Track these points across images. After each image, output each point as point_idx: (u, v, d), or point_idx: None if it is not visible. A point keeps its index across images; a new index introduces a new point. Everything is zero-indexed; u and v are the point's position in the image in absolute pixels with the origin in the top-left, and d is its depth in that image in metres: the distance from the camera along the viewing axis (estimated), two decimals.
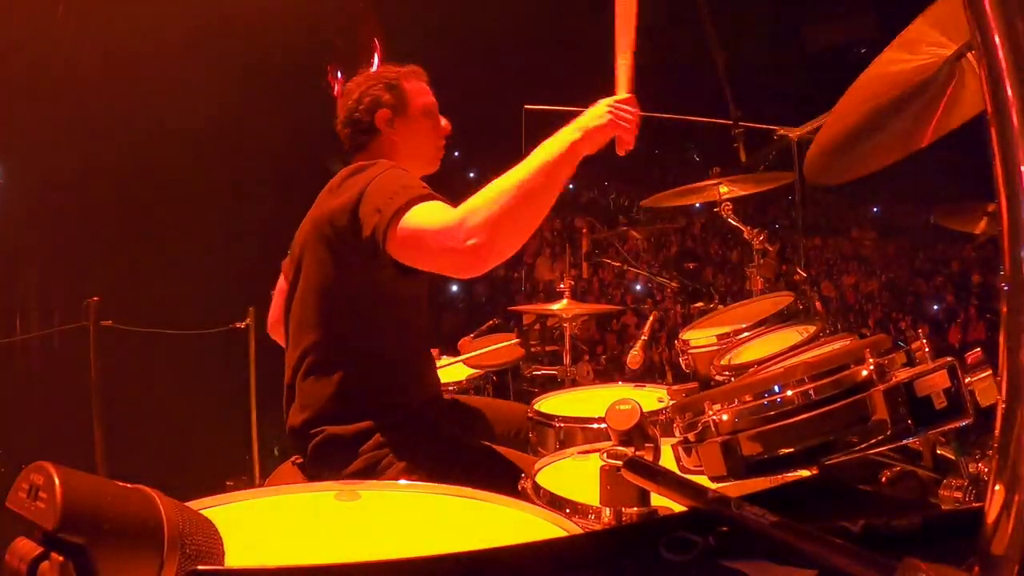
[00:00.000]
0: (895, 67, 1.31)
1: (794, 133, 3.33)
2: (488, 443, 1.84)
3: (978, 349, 0.98)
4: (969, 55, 1.25)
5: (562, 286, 3.32)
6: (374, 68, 1.96)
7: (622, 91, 1.70)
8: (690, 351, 2.11)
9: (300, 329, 1.77)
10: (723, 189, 2.82)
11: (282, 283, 2.08)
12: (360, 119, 1.90)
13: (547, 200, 1.54)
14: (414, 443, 1.70)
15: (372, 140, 1.91)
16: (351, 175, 1.73)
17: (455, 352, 2.80)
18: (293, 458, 1.82)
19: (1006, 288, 0.58)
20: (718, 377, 1.80)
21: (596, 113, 1.63)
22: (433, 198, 1.60)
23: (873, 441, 0.96)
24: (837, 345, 1.43)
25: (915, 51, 1.27)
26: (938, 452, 1.18)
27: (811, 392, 0.99)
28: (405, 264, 1.60)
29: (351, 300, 1.72)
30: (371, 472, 1.64)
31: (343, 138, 1.96)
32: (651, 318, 3.10)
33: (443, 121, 1.99)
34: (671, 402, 1.74)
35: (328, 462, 1.69)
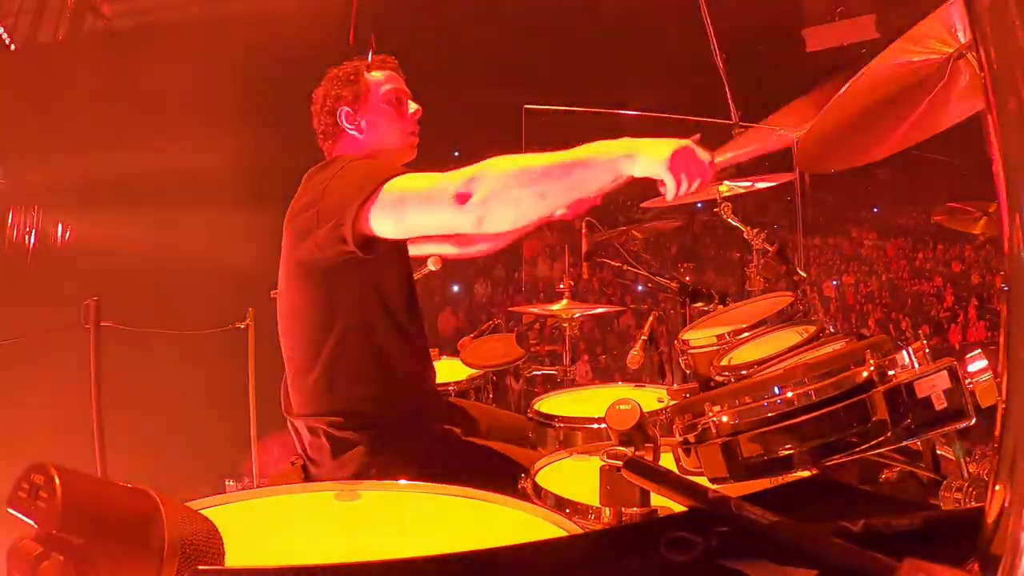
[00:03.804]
0: (898, 59, 1.31)
1: (794, 133, 3.32)
2: (487, 442, 1.84)
3: (978, 349, 0.98)
4: (969, 56, 1.25)
5: (562, 286, 3.31)
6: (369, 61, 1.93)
7: (709, 152, 1.53)
8: (690, 351, 2.10)
9: (283, 334, 1.78)
10: (723, 189, 2.81)
11: None
12: (323, 122, 1.87)
13: (559, 188, 1.46)
14: (409, 444, 1.70)
15: (338, 142, 1.87)
16: (313, 175, 1.72)
17: (455, 352, 2.80)
18: (292, 458, 1.82)
19: (1006, 288, 0.58)
20: (718, 377, 1.79)
21: (659, 145, 1.47)
22: (405, 172, 1.56)
23: (874, 442, 0.96)
24: (837, 346, 1.43)
25: (920, 44, 1.28)
26: (938, 452, 1.18)
27: (811, 393, 0.99)
28: (395, 238, 1.57)
29: (323, 301, 1.69)
30: (366, 473, 1.64)
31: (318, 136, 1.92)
32: (651, 318, 3.09)
33: (413, 106, 1.91)
34: (671, 402, 1.73)
35: (323, 464, 1.69)
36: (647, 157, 1.46)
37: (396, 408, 1.76)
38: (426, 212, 1.53)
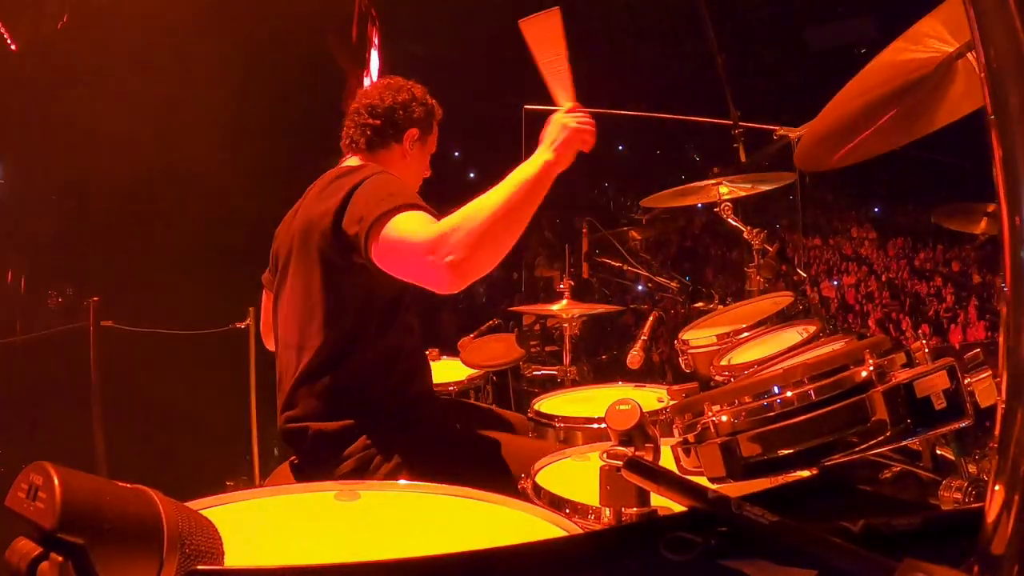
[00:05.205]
0: (898, 57, 1.32)
1: (794, 133, 3.32)
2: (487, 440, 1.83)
3: (978, 349, 0.98)
4: (969, 55, 1.25)
5: (562, 286, 3.31)
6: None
7: (567, 102, 1.69)
8: (690, 351, 2.11)
9: (288, 330, 1.78)
10: (723, 189, 2.82)
11: (266, 299, 2.09)
12: (396, 120, 1.90)
13: (524, 219, 1.57)
14: (405, 439, 1.70)
15: (385, 146, 1.91)
16: (339, 177, 1.73)
17: (455, 352, 2.80)
18: (292, 458, 1.82)
19: (1006, 288, 0.58)
20: (718, 377, 1.80)
21: (558, 129, 1.64)
22: (419, 208, 1.60)
23: (873, 442, 0.96)
24: (837, 345, 1.43)
25: (920, 43, 1.28)
26: (938, 452, 1.18)
27: (811, 393, 0.99)
28: (385, 271, 1.60)
29: (338, 302, 1.71)
30: (363, 471, 1.64)
31: (356, 125, 1.92)
32: (651, 318, 3.09)
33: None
34: (671, 402, 1.73)
35: (318, 461, 1.69)
36: (561, 145, 1.61)
37: (399, 407, 1.76)
38: (412, 275, 1.59)
